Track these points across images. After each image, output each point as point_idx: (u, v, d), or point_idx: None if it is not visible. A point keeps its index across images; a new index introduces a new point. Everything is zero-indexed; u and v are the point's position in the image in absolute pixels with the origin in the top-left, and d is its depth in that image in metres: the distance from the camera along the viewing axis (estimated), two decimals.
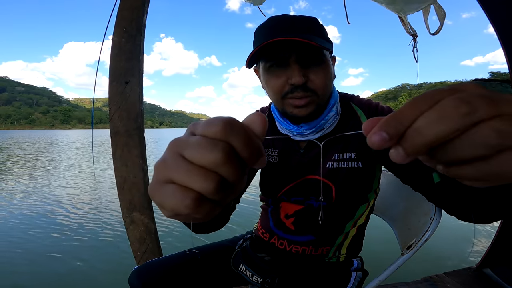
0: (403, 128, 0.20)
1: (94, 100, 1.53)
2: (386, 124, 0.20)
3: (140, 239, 1.22)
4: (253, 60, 0.67)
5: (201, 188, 0.21)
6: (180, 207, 0.21)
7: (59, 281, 2.19)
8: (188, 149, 0.21)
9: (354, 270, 0.78)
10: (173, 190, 0.21)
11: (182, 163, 0.21)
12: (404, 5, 1.27)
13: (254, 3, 1.54)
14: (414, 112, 0.20)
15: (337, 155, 0.72)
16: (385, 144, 0.20)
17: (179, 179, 0.21)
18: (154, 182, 0.23)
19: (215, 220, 0.56)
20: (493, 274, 1.59)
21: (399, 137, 0.20)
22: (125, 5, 1.11)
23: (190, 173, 0.21)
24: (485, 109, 0.18)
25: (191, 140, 0.22)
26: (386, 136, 0.20)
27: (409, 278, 1.62)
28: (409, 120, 0.20)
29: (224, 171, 0.21)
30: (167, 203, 0.22)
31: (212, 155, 0.20)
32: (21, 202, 4.45)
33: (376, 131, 0.21)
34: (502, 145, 0.18)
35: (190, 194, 0.21)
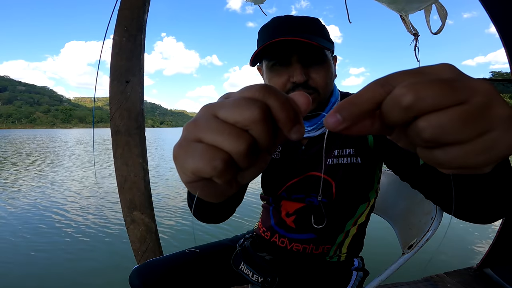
0: (356, 111, 0.20)
1: (95, 99, 1.54)
2: (341, 107, 0.20)
3: (140, 238, 1.22)
4: (256, 58, 0.68)
5: (232, 148, 0.20)
6: (207, 167, 0.20)
7: (59, 281, 2.20)
8: (223, 108, 0.21)
9: (354, 269, 0.78)
10: (202, 149, 0.20)
11: (214, 122, 0.21)
12: (406, 5, 1.27)
13: (255, 2, 1.54)
14: (369, 98, 0.20)
15: (336, 151, 0.73)
16: (339, 126, 0.20)
17: (209, 138, 0.20)
18: (180, 141, 0.22)
19: (222, 206, 0.55)
20: (494, 274, 1.59)
21: (353, 120, 0.20)
22: (126, 4, 1.11)
23: (222, 131, 0.20)
24: (434, 99, 0.17)
25: (226, 101, 0.21)
26: (340, 118, 0.20)
27: (409, 278, 1.62)
28: (363, 106, 0.20)
29: (258, 130, 0.20)
30: (191, 163, 0.20)
31: (249, 111, 0.20)
32: (21, 202, 4.46)
33: (331, 112, 0.20)
34: (439, 141, 0.17)
35: (220, 154, 0.20)
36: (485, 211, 0.45)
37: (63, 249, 2.76)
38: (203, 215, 0.59)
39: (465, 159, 0.17)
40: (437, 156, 0.18)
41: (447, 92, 0.17)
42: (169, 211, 3.96)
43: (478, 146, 0.17)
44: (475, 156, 0.17)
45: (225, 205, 0.58)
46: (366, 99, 0.20)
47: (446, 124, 0.17)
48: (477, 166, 0.18)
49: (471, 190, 0.42)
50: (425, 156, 0.20)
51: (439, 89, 0.17)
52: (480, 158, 0.17)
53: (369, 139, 0.71)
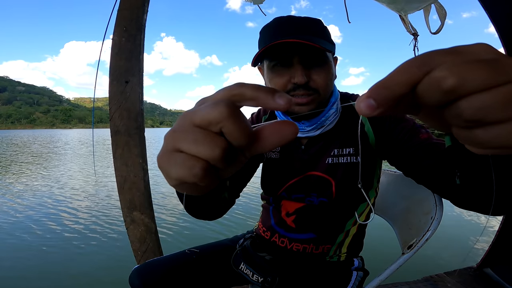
0: (391, 95, 0.19)
1: (94, 99, 1.54)
2: (374, 91, 0.19)
3: (140, 239, 1.22)
4: (258, 59, 0.69)
5: (208, 155, 0.21)
6: (188, 175, 0.22)
7: (59, 280, 2.19)
8: (197, 114, 0.22)
9: (355, 269, 0.78)
10: (182, 159, 0.22)
11: (190, 132, 0.22)
12: (405, 4, 1.27)
13: (254, 2, 1.54)
14: (404, 80, 0.19)
15: (336, 150, 0.74)
16: (373, 111, 0.19)
17: (187, 148, 0.22)
18: (162, 151, 0.24)
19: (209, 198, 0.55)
20: (494, 273, 1.59)
21: (387, 105, 0.19)
22: (125, 4, 1.11)
23: (197, 141, 0.22)
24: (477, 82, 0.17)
25: (201, 107, 0.23)
26: (373, 104, 0.19)
27: (409, 278, 1.62)
28: (398, 88, 0.19)
29: (229, 125, 0.21)
30: (174, 172, 0.22)
31: (216, 110, 0.21)
32: (23, 200, 4.46)
33: (363, 98, 0.20)
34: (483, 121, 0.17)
35: (198, 163, 0.22)
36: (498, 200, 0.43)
37: (62, 248, 2.76)
38: (193, 211, 0.60)
39: (507, 137, 0.17)
40: (477, 135, 0.18)
41: (491, 73, 0.17)
42: (169, 211, 3.96)
43: None
44: None
45: (213, 204, 0.59)
46: (402, 81, 0.19)
47: (490, 105, 0.17)
48: None
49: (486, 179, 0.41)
50: (464, 136, 0.19)
51: (482, 71, 0.17)
52: None
53: (370, 137, 0.72)
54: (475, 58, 0.18)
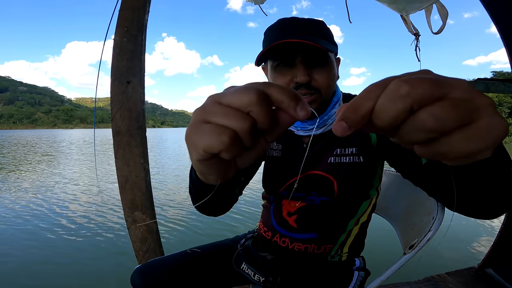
0: (359, 116, 0.22)
1: (96, 99, 1.54)
2: (344, 115, 0.22)
3: (141, 239, 1.22)
4: (261, 58, 0.70)
5: (237, 126, 0.23)
6: (216, 142, 0.23)
7: (60, 280, 2.20)
8: (226, 96, 0.24)
9: (356, 269, 0.78)
10: (211, 128, 0.24)
11: (219, 107, 0.24)
12: (406, 4, 1.27)
13: (255, 3, 1.54)
14: (368, 99, 0.21)
15: (339, 149, 0.74)
16: (347, 132, 0.22)
17: (216, 120, 0.24)
18: (191, 124, 0.25)
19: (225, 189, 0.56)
20: (495, 274, 1.58)
21: (358, 124, 0.22)
22: (126, 5, 1.11)
23: (227, 113, 0.23)
24: (425, 91, 0.19)
25: (229, 90, 0.25)
26: (346, 126, 0.22)
27: (410, 278, 1.62)
28: (364, 107, 0.21)
29: (257, 111, 0.23)
30: (202, 141, 0.24)
31: (247, 96, 0.23)
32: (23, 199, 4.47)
33: (337, 121, 0.23)
34: (441, 129, 0.19)
35: (227, 131, 0.23)
36: (488, 205, 0.45)
37: (63, 248, 2.77)
38: (204, 205, 0.59)
39: (466, 144, 0.19)
40: (440, 147, 0.20)
41: (435, 85, 0.19)
42: (170, 211, 3.96)
43: (474, 131, 0.19)
44: (474, 140, 0.19)
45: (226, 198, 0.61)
46: (365, 102, 0.22)
47: (443, 113, 0.19)
48: (477, 150, 0.20)
49: (474, 184, 0.42)
50: (428, 151, 0.21)
51: (428, 83, 0.20)
52: (479, 142, 0.19)
53: (373, 137, 0.72)
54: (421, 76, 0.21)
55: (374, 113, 0.21)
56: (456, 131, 0.19)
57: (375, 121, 0.22)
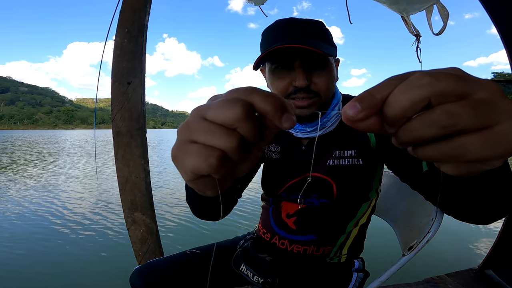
0: (374, 100, 0.20)
1: (96, 100, 1.54)
2: (360, 97, 0.21)
3: (141, 239, 1.22)
4: (260, 61, 0.69)
5: (224, 145, 0.22)
6: (203, 165, 0.22)
7: (59, 280, 2.20)
8: (210, 110, 0.22)
9: (355, 270, 0.78)
10: (197, 149, 0.22)
11: (204, 124, 0.22)
12: (407, 5, 1.27)
13: (255, 3, 1.54)
14: (386, 87, 0.21)
15: (337, 152, 0.74)
16: (358, 115, 0.21)
17: (202, 139, 0.22)
18: (177, 144, 0.24)
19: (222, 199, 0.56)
20: (495, 275, 1.58)
21: (372, 109, 0.21)
22: (127, 6, 1.11)
23: (212, 131, 0.22)
24: (448, 84, 0.18)
25: (213, 103, 0.23)
26: (359, 108, 0.21)
27: (410, 279, 1.61)
28: (380, 93, 0.20)
29: (244, 127, 0.22)
30: (190, 163, 0.22)
31: (232, 110, 0.21)
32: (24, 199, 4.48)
33: (350, 103, 0.21)
34: (454, 127, 0.18)
35: (214, 152, 0.22)
36: (486, 213, 0.45)
37: (63, 248, 2.77)
38: (201, 212, 0.60)
39: (479, 149, 0.18)
40: (448, 148, 0.19)
41: (460, 82, 0.18)
42: (170, 212, 3.96)
43: (491, 136, 0.18)
44: (489, 146, 0.18)
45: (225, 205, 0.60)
46: (382, 88, 0.21)
47: (461, 110, 0.18)
48: (489, 157, 0.18)
49: (474, 193, 0.42)
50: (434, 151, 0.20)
51: (453, 78, 0.18)
52: (493, 148, 0.18)
53: (371, 140, 0.72)
54: (448, 71, 0.19)
55: (387, 101, 0.20)
56: (472, 133, 0.18)
57: (386, 110, 0.20)
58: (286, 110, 0.23)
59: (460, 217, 0.51)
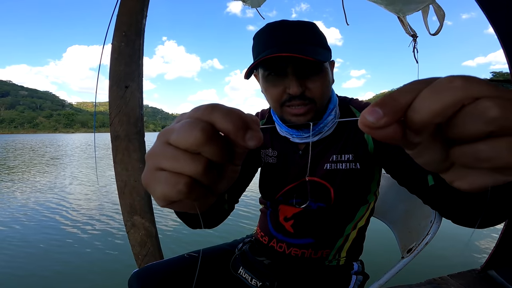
0: (398, 105, 0.19)
1: (96, 104, 1.55)
2: (381, 102, 0.19)
3: (141, 243, 1.22)
4: (252, 68, 0.66)
5: (189, 171, 0.21)
6: (173, 193, 0.21)
7: (58, 283, 2.20)
8: (172, 134, 0.22)
9: (354, 273, 0.78)
10: (165, 176, 0.22)
11: (169, 150, 0.22)
12: (403, 6, 1.27)
13: (252, 6, 1.54)
14: (409, 91, 0.19)
15: (335, 156, 0.73)
16: (379, 121, 0.19)
17: (168, 166, 0.22)
18: (146, 171, 0.23)
19: (211, 212, 0.55)
20: (498, 275, 1.57)
21: (395, 115, 0.19)
22: (124, 9, 1.12)
23: (177, 158, 0.21)
24: (482, 87, 0.17)
25: (175, 126, 0.22)
26: (381, 113, 0.19)
27: (412, 280, 1.60)
28: (404, 97, 0.19)
29: (207, 151, 0.21)
30: (159, 191, 0.22)
31: (192, 135, 0.21)
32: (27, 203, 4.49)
33: (370, 108, 0.19)
34: (504, 121, 0.16)
35: (182, 179, 0.21)
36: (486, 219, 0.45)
37: (62, 251, 2.77)
38: (191, 224, 0.59)
39: None
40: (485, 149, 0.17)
41: (492, 86, 0.17)
42: (170, 215, 3.96)
43: None
44: None
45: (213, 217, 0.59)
46: (406, 93, 0.19)
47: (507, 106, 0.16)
48: None
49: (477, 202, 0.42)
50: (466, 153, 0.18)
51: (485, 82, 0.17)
52: None
53: (369, 144, 0.71)
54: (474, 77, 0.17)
55: (413, 105, 0.18)
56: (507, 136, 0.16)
57: (411, 116, 0.18)
58: (249, 128, 0.22)
59: (458, 222, 0.51)
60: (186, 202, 0.23)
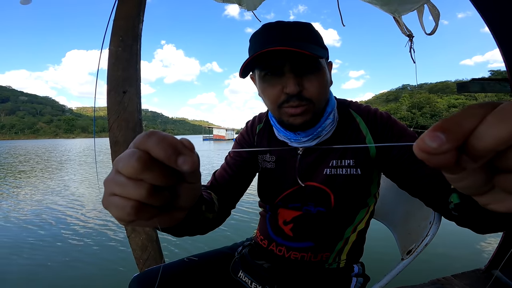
0: (462, 131, 0.18)
1: (95, 109, 1.55)
2: (443, 126, 0.18)
3: (142, 247, 1.22)
4: (248, 68, 0.66)
5: (135, 195, 0.24)
6: (123, 215, 0.24)
7: (58, 287, 2.20)
8: (118, 163, 0.25)
9: (354, 275, 0.77)
10: (116, 201, 0.25)
11: (117, 177, 0.25)
12: (398, 6, 1.26)
13: (248, 9, 1.55)
14: (472, 116, 0.18)
15: (335, 161, 0.72)
16: (442, 147, 0.18)
17: (117, 191, 0.25)
18: (103, 196, 0.26)
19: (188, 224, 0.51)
20: (502, 275, 1.55)
21: (458, 141, 0.18)
22: (120, 14, 1.12)
23: (123, 184, 0.24)
24: None
25: (122, 155, 0.25)
26: (444, 139, 0.18)
27: (416, 281, 1.59)
28: (467, 123, 0.18)
29: (147, 177, 0.24)
30: (113, 213, 0.25)
31: (130, 164, 0.23)
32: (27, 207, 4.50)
33: (430, 133, 0.18)
34: None
35: (129, 202, 0.24)
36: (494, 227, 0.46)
37: (63, 256, 2.77)
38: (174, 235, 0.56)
39: None
40: None
41: None
42: None
43: None
44: None
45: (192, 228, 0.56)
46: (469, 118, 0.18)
47: None
48: None
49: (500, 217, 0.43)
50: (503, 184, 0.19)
51: None
52: None
53: (371, 149, 0.70)
54: None
55: (476, 132, 0.18)
56: None
57: (474, 142, 0.18)
58: (180, 153, 0.24)
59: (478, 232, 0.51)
60: (143, 221, 0.26)
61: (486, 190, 0.20)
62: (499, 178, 0.19)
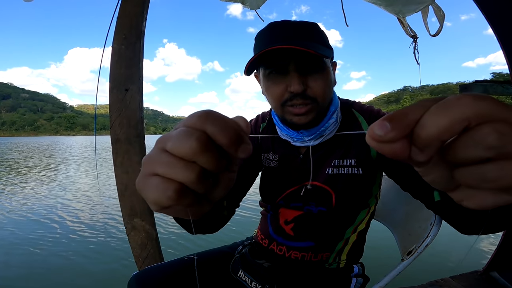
0: (407, 120, 0.19)
1: (96, 106, 1.55)
2: (390, 116, 0.19)
3: (141, 245, 1.22)
4: (253, 66, 0.66)
5: (182, 178, 0.22)
6: (163, 198, 0.22)
7: (57, 285, 2.21)
8: (169, 141, 0.22)
9: (354, 276, 0.77)
10: (157, 182, 0.22)
11: (164, 156, 0.22)
12: (403, 7, 1.26)
13: (251, 8, 1.55)
14: (420, 107, 0.19)
15: (337, 161, 0.72)
16: (387, 135, 0.19)
17: (161, 171, 0.22)
18: (140, 177, 0.24)
19: (209, 218, 0.54)
20: (500, 277, 1.56)
21: (403, 130, 0.19)
22: (124, 12, 1.12)
23: (171, 164, 0.22)
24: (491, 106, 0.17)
25: (172, 133, 0.23)
26: (389, 128, 0.19)
27: (414, 282, 1.59)
28: (413, 113, 0.19)
29: (202, 160, 0.22)
30: (150, 195, 0.23)
31: (188, 144, 0.21)
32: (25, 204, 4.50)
33: (379, 122, 0.19)
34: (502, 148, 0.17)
35: (172, 185, 0.22)
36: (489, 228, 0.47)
37: (62, 254, 2.77)
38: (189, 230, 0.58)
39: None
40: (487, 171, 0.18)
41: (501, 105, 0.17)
42: (170, 218, 3.95)
43: None
44: None
45: (212, 223, 0.58)
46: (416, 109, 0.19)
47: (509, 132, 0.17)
48: None
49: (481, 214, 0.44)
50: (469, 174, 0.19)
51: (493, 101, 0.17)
52: None
53: (372, 150, 0.70)
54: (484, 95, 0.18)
55: (421, 121, 0.19)
56: None
57: (419, 132, 0.19)
58: (242, 142, 0.23)
59: (463, 232, 0.52)
60: (178, 208, 0.24)
61: (455, 186, 0.20)
62: (457, 172, 0.19)
